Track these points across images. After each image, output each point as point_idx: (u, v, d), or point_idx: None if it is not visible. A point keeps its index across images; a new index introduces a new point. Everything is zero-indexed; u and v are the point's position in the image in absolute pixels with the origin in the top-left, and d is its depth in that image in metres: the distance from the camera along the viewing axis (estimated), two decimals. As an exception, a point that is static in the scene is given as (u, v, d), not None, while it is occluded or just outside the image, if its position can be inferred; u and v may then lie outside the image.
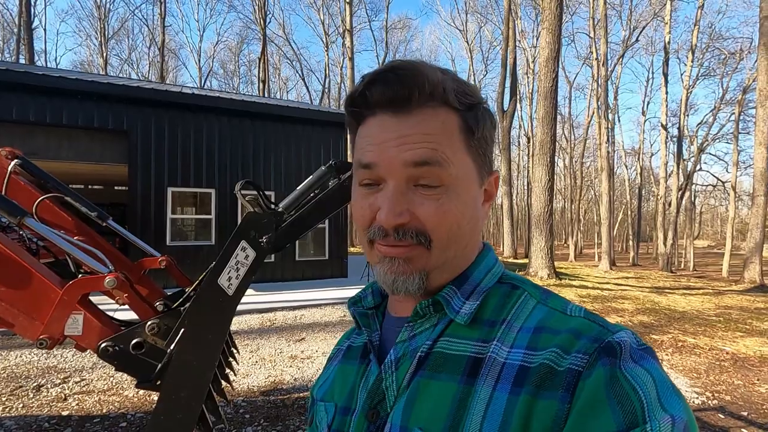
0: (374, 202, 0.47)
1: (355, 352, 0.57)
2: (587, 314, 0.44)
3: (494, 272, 0.52)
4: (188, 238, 9.77)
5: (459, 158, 0.46)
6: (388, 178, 0.45)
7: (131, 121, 8.77)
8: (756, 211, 12.85)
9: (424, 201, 0.45)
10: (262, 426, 3.20)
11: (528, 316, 0.45)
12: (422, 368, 0.46)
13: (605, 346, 0.39)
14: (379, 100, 0.46)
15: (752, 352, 5.39)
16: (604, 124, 19.20)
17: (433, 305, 0.48)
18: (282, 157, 10.31)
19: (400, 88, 0.44)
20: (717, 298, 10.13)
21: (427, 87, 0.44)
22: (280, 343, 5.41)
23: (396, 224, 0.45)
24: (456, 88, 0.46)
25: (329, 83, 35.31)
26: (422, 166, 0.44)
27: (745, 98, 23.04)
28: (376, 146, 0.46)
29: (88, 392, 3.79)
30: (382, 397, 0.48)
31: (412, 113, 0.45)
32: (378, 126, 0.47)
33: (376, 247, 0.48)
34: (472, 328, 0.47)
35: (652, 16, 24.87)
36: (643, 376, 0.37)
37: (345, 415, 0.52)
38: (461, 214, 0.47)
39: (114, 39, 34.64)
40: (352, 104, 0.49)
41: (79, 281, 1.86)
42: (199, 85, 35.29)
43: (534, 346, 0.42)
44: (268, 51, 30.35)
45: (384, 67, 0.46)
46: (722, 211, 43.66)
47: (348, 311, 0.58)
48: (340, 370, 0.57)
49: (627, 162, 32.80)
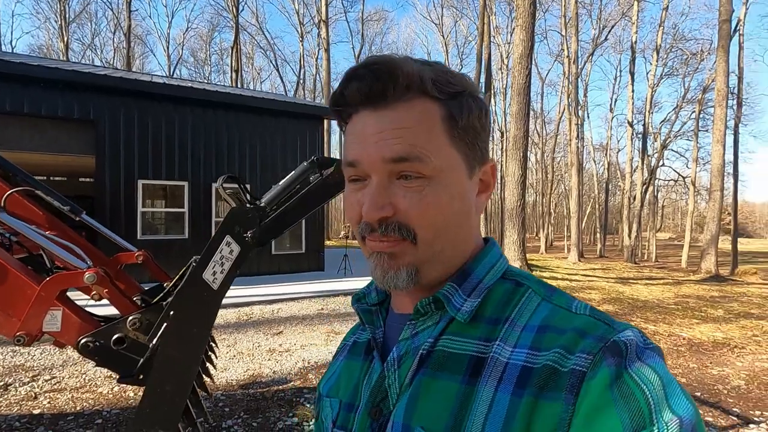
0: (361, 198, 0.47)
1: (359, 348, 0.57)
2: (593, 312, 0.43)
3: (497, 268, 0.51)
4: (160, 232, 9.53)
5: (442, 149, 0.45)
6: (372, 174, 0.46)
7: (99, 110, 8.43)
8: (713, 205, 13.60)
9: (406, 194, 0.45)
10: (242, 419, 3.22)
11: (532, 314, 0.45)
12: (424, 366, 0.46)
13: (610, 345, 0.38)
14: (356, 97, 0.46)
15: (706, 337, 5.77)
16: (574, 121, 19.78)
17: (434, 303, 0.48)
18: (257, 150, 10.16)
19: (374, 83, 0.44)
20: (676, 287, 10.71)
21: (401, 80, 0.44)
22: (257, 337, 5.41)
23: (378, 218, 0.45)
24: (435, 78, 0.45)
25: (304, 74, 34.82)
26: (400, 162, 0.44)
27: (704, 98, 24.20)
28: (357, 143, 0.47)
29: (60, 390, 3.70)
30: (384, 395, 0.48)
31: (390, 107, 0.45)
32: (360, 123, 0.47)
33: (367, 242, 0.48)
34: (474, 326, 0.46)
35: (620, 15, 25.68)
36: (650, 375, 0.36)
37: (349, 411, 0.52)
38: (447, 206, 0.46)
39: (75, 22, 32.97)
40: (334, 104, 0.49)
41: (58, 277, 1.83)
42: (168, 74, 34.11)
43: (538, 346, 0.41)
44: (241, 40, 29.60)
45: (360, 63, 0.46)
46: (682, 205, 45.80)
47: (352, 307, 0.58)
48: (346, 366, 0.58)
49: (595, 157, 33.91)
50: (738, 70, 19.34)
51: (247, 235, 1.77)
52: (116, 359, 1.85)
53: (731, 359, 4.87)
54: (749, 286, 11.66)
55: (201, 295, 1.72)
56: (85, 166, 10.66)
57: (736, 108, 19.27)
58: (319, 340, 5.31)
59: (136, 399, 3.55)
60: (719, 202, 13.51)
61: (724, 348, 5.29)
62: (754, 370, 4.52)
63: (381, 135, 0.45)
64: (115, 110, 8.59)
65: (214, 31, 37.94)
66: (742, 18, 18.46)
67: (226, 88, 14.01)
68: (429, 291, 0.48)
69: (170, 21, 39.47)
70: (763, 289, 10.96)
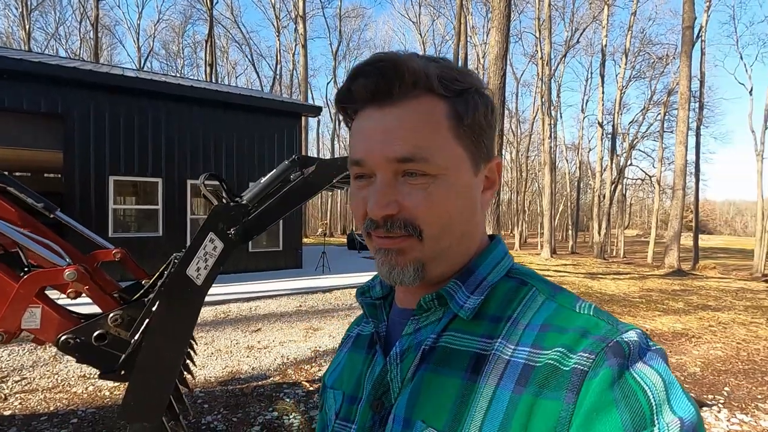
0: (366, 195, 0.47)
1: (363, 341, 0.58)
2: (597, 312, 0.43)
3: (502, 266, 0.51)
4: (133, 230, 9.30)
5: (447, 147, 0.45)
6: (377, 172, 0.46)
7: (67, 104, 8.15)
8: (676, 203, 14.26)
9: (411, 191, 0.45)
10: (222, 414, 3.24)
11: (535, 313, 0.45)
12: (426, 362, 0.47)
13: (613, 345, 0.38)
14: (362, 94, 0.46)
15: (667, 328, 6.11)
16: (548, 121, 20.32)
17: (437, 299, 0.48)
18: (234, 147, 10.04)
19: (380, 80, 0.44)
20: (641, 282, 11.22)
21: (407, 77, 0.44)
22: (235, 335, 5.40)
23: (383, 215, 0.45)
24: (441, 75, 0.45)
25: (281, 70, 34.34)
26: (405, 162, 0.44)
27: (669, 100, 25.29)
28: (363, 142, 0.46)
29: (31, 391, 3.63)
30: (386, 389, 0.48)
31: (396, 105, 0.45)
32: (365, 121, 0.47)
33: (373, 239, 0.48)
34: (476, 323, 0.47)
35: (591, 19, 26.45)
36: (652, 376, 0.36)
37: (352, 403, 0.53)
38: (452, 204, 0.46)
39: (38, 10, 31.49)
40: (339, 101, 0.49)
41: (37, 274, 1.84)
42: (138, 66, 33.03)
43: (540, 345, 0.41)
44: (215, 33, 28.99)
45: (366, 60, 0.46)
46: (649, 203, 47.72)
47: (357, 301, 0.60)
48: (349, 359, 0.58)
49: (568, 156, 34.87)
50: (700, 74, 20.31)
51: (231, 231, 1.82)
52: (97, 355, 1.86)
53: (689, 348, 5.19)
54: (708, 279, 12.33)
55: (185, 290, 1.76)
56: (51, 162, 10.29)
57: (698, 111, 20.24)
58: (298, 337, 5.35)
59: (112, 398, 3.52)
60: (682, 201, 14.18)
61: (683, 338, 5.62)
62: (709, 357, 4.84)
63: (386, 134, 0.45)
64: (85, 104, 8.32)
65: (187, 23, 37.00)
66: (704, 25, 19.36)
67: (201, 82, 13.74)
68: (433, 287, 0.49)
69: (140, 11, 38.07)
70: (720, 282, 11.61)
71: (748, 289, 10.17)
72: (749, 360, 4.77)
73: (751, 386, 4.02)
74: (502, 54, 10.86)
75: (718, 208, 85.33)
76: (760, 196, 21.56)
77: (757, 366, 4.57)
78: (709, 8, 19.61)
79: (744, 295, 9.16)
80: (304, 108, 12.42)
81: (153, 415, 1.77)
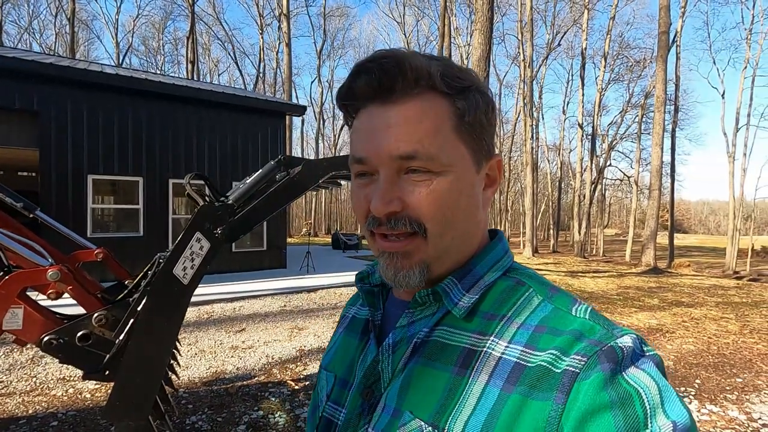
0: (369, 193, 0.47)
1: (357, 325, 0.59)
2: (593, 315, 0.43)
3: (500, 265, 0.51)
4: (112, 230, 9.12)
5: (449, 144, 0.45)
6: (380, 169, 0.45)
7: (43, 101, 7.94)
8: (652, 203, 14.69)
9: (414, 188, 0.45)
10: (206, 414, 3.23)
11: (531, 313, 0.45)
12: (418, 354, 0.47)
13: (606, 350, 0.38)
14: (365, 91, 0.46)
15: (643, 324, 6.31)
16: (529, 122, 20.65)
17: (432, 294, 0.48)
18: (217, 146, 9.92)
19: (383, 77, 0.44)
20: (619, 279, 11.52)
21: (410, 74, 0.44)
22: (219, 335, 5.36)
23: (387, 212, 0.45)
24: (443, 72, 0.45)
25: (264, 68, 34.03)
26: (408, 160, 0.44)
27: (646, 103, 25.99)
28: (365, 139, 0.46)
29: (8, 394, 3.55)
30: (377, 378, 0.49)
31: (398, 102, 0.45)
32: (367, 118, 0.47)
33: (377, 241, 0.48)
34: (469, 319, 0.47)
35: (572, 22, 26.98)
36: (645, 380, 0.36)
37: (343, 387, 0.54)
38: (455, 201, 0.46)
39: (11, 2, 30.45)
40: (341, 98, 0.49)
41: (19, 275, 1.82)
42: (117, 62, 32.26)
43: (533, 345, 0.41)
44: (197, 30, 28.54)
45: (368, 57, 0.45)
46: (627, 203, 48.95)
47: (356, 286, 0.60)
48: (343, 342, 0.59)
49: (549, 157, 35.51)
50: (675, 78, 20.94)
51: (217, 231, 1.84)
52: (81, 356, 1.86)
53: (663, 343, 5.38)
54: (682, 277, 12.74)
55: (172, 289, 1.77)
56: (25, 160, 9.99)
57: (674, 113, 20.86)
58: (283, 336, 5.35)
59: (93, 400, 3.47)
60: (658, 200, 14.61)
61: (658, 333, 5.82)
62: (681, 352, 5.03)
63: (389, 131, 0.44)
64: (62, 101, 8.12)
65: (168, 19, 36.31)
66: (679, 30, 19.98)
67: (183, 80, 13.53)
68: (431, 282, 0.49)
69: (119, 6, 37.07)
70: (694, 280, 12.01)
71: (719, 286, 10.56)
72: (719, 354, 4.98)
73: (720, 378, 4.21)
74: (485, 56, 11.03)
75: (693, 208, 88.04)
76: (732, 196, 22.38)
77: (726, 359, 4.78)
78: (684, 14, 20.23)
79: (716, 292, 9.51)
80: (289, 107, 12.35)
81: (139, 414, 1.78)
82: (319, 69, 36.37)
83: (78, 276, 2.49)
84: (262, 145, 10.56)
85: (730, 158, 22.37)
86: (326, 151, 39.79)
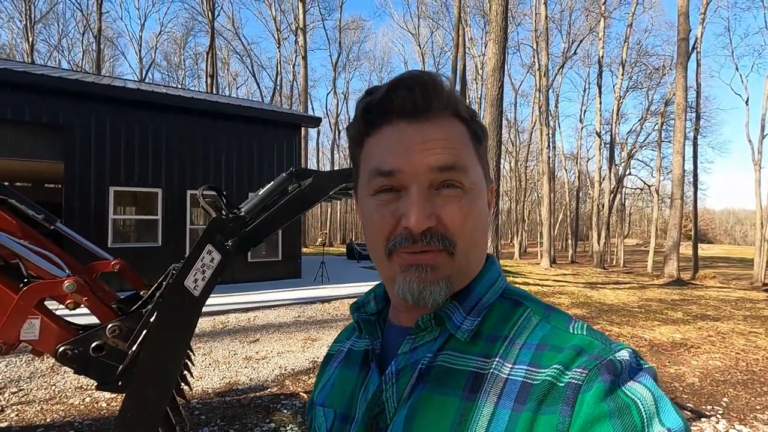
0: (396, 209, 0.46)
1: (355, 357, 0.57)
2: (590, 331, 0.44)
3: (497, 287, 0.52)
4: (132, 240, 9.32)
5: (474, 164, 0.48)
6: (411, 183, 0.45)
7: (68, 115, 8.23)
8: (674, 212, 14.30)
9: (446, 204, 0.45)
10: (219, 426, 3.23)
11: (531, 333, 0.45)
12: (423, 381, 0.46)
13: (606, 363, 0.39)
14: (402, 105, 0.46)
15: (666, 338, 6.10)
16: (546, 131, 20.45)
17: (434, 319, 0.48)
18: (234, 157, 10.10)
19: (423, 94, 0.46)
20: (641, 291, 11.20)
21: (444, 95, 0.47)
22: (233, 345, 5.39)
23: (426, 227, 0.44)
24: (460, 100, 0.48)
25: (281, 81, 34.66)
26: (446, 171, 0.45)
27: (666, 110, 25.48)
28: (397, 153, 0.46)
29: (28, 402, 3.62)
30: (382, 408, 0.47)
31: (431, 119, 0.46)
32: (396, 133, 0.47)
33: (398, 257, 0.47)
34: (473, 342, 0.47)
35: (588, 31, 26.79)
36: (642, 392, 0.38)
37: (344, 422, 0.52)
38: (479, 219, 0.47)
39: (42, 23, 31.88)
40: (372, 110, 0.48)
41: (37, 286, 1.86)
42: (140, 77, 33.33)
43: (537, 363, 0.42)
44: (217, 45, 29.32)
45: (402, 75, 0.47)
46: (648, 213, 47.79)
47: (352, 316, 0.59)
48: (340, 375, 0.57)
49: (566, 166, 35.04)
50: (696, 85, 20.49)
51: (228, 243, 1.85)
52: (95, 366, 1.88)
53: (687, 358, 5.18)
54: (708, 289, 12.31)
55: (183, 301, 1.77)
56: (51, 172, 10.35)
57: (695, 121, 20.39)
58: (296, 347, 5.34)
59: (109, 409, 3.51)
60: (680, 210, 14.22)
61: (682, 348, 5.61)
62: (707, 368, 4.83)
63: (426, 144, 0.45)
64: (86, 116, 8.40)
65: (189, 35, 37.40)
66: (699, 37, 19.61)
67: (201, 94, 13.88)
68: (432, 307, 0.48)
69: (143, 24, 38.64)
70: (720, 292, 11.60)
71: (747, 299, 10.16)
72: (748, 370, 4.76)
73: (749, 397, 4.01)
74: (499, 66, 11.01)
75: (718, 217, 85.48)
76: (759, 205, 21.62)
77: (756, 376, 4.56)
78: (704, 20, 19.88)
79: (743, 305, 9.14)
80: (304, 119, 12.52)
81: (150, 427, 1.78)
82: (334, 81, 36.88)
83: (94, 287, 2.53)
84: (278, 156, 10.70)
85: (756, 166, 21.65)
86: (341, 161, 40.11)
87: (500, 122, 11.36)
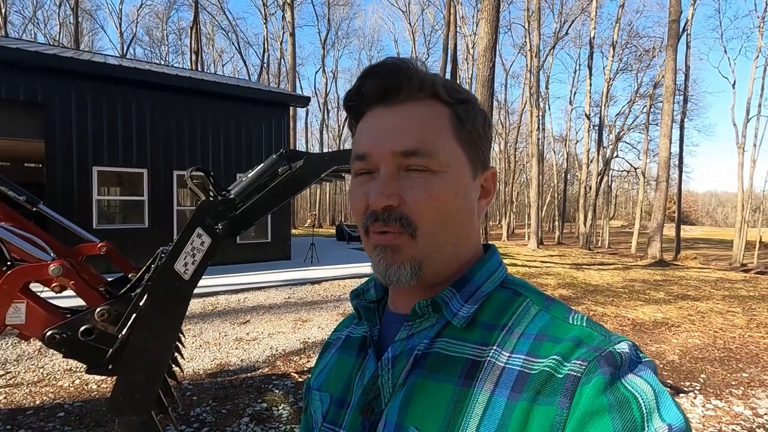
0: (368, 190, 0.48)
1: (353, 343, 0.57)
2: (589, 323, 0.44)
3: (496, 276, 0.52)
4: (118, 221, 9.17)
5: (448, 146, 0.47)
6: (381, 166, 0.47)
7: (47, 92, 7.95)
8: (659, 195, 14.54)
9: (413, 185, 0.46)
10: (210, 406, 3.26)
11: (530, 322, 0.45)
12: (419, 367, 0.47)
13: (606, 355, 0.39)
14: (372, 92, 0.48)
15: (648, 317, 6.28)
16: (535, 113, 20.43)
17: (431, 305, 0.48)
18: (221, 137, 9.91)
19: (391, 79, 0.47)
20: (625, 272, 11.46)
21: (416, 79, 0.47)
22: (224, 327, 5.40)
23: (384, 205, 0.46)
24: (444, 83, 0.48)
25: (268, 58, 33.81)
26: (410, 156, 0.46)
27: (655, 93, 25.61)
28: (368, 137, 0.48)
29: (16, 385, 3.59)
30: (377, 394, 0.48)
31: (403, 104, 0.47)
32: (372, 118, 0.49)
33: (371, 236, 0.48)
34: (470, 330, 0.47)
35: (580, 11, 26.53)
36: (643, 386, 0.37)
37: (340, 407, 0.52)
38: (450, 201, 0.47)
39: (15, -7, 30.38)
40: (349, 100, 0.50)
41: (21, 269, 1.82)
42: (120, 53, 32.21)
43: (535, 353, 0.42)
44: (201, 20, 28.33)
45: (376, 62, 0.48)
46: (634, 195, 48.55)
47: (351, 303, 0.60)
48: (338, 361, 0.58)
49: (555, 148, 35.21)
50: (685, 67, 20.59)
51: (218, 226, 1.82)
52: (84, 350, 1.86)
53: (668, 337, 5.35)
54: (689, 270, 12.65)
55: (173, 285, 1.76)
56: (32, 152, 10.04)
57: (683, 104, 20.56)
58: (287, 328, 5.37)
59: (100, 391, 3.51)
60: (665, 192, 14.45)
61: (663, 327, 5.78)
62: (687, 346, 5.00)
63: (393, 129, 0.47)
64: (66, 93, 8.12)
65: (171, 9, 36.12)
66: (690, 18, 19.59)
67: (186, 71, 13.48)
68: (428, 292, 0.49)
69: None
70: (700, 273, 11.93)
71: (726, 279, 10.47)
72: (725, 348, 4.94)
73: (726, 373, 4.18)
74: (491, 45, 10.86)
75: (701, 200, 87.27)
76: (741, 188, 22.11)
77: (733, 354, 4.74)
78: (695, 1, 19.82)
79: (722, 285, 9.43)
80: (293, 98, 12.28)
81: (142, 409, 1.78)
82: (323, 59, 36.12)
83: (80, 270, 2.49)
84: (266, 136, 10.53)
85: (740, 149, 22.05)
86: (330, 141, 39.65)
87: (491, 104, 11.29)
